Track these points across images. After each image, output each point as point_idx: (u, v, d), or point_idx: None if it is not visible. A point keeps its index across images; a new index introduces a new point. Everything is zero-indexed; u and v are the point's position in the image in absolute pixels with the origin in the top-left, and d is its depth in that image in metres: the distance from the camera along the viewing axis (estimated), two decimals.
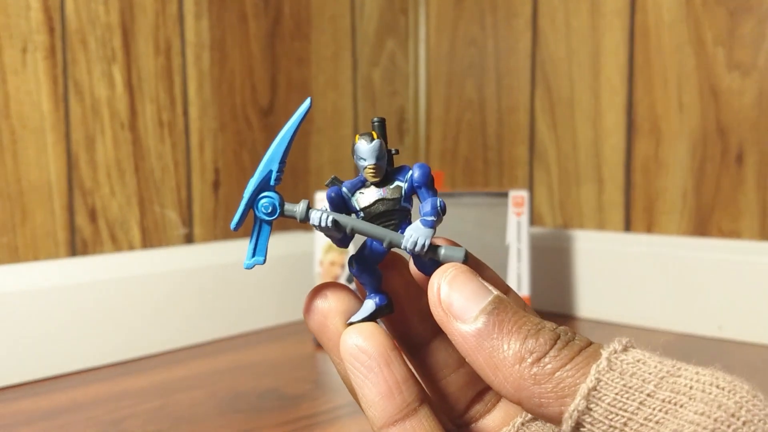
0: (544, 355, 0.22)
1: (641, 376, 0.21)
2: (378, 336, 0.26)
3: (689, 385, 0.21)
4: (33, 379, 0.67)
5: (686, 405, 0.21)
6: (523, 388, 0.23)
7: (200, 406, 0.60)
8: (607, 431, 0.21)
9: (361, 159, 0.27)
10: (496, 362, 0.23)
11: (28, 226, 0.68)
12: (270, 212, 0.27)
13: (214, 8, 0.83)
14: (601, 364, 0.22)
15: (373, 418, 0.25)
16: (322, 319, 0.27)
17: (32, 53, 0.68)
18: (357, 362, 0.25)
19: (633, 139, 0.84)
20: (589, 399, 0.21)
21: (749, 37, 0.74)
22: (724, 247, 0.76)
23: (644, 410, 0.21)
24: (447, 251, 0.26)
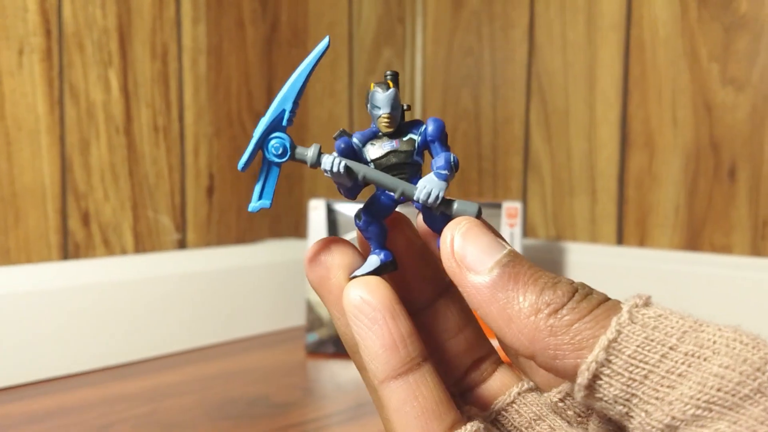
0: (561, 307, 0.22)
1: (663, 330, 0.21)
2: (383, 289, 0.25)
3: (712, 339, 0.21)
4: (22, 383, 0.66)
5: (710, 359, 0.20)
6: (538, 340, 0.22)
7: (190, 412, 0.60)
8: (626, 383, 0.21)
9: (375, 108, 0.26)
10: (511, 314, 0.23)
11: (20, 228, 0.68)
12: (280, 154, 0.26)
13: (211, 13, 0.83)
14: (622, 316, 0.21)
15: (375, 370, 0.25)
16: (324, 272, 0.27)
17: (28, 55, 0.68)
18: (361, 314, 0.25)
19: (627, 152, 0.84)
20: (609, 351, 0.21)
21: (743, 53, 0.75)
22: (715, 262, 0.77)
23: (666, 363, 0.21)
24: (460, 205, 0.26)
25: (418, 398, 0.24)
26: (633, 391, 0.21)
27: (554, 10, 0.90)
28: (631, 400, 0.21)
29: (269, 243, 0.91)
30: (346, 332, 0.27)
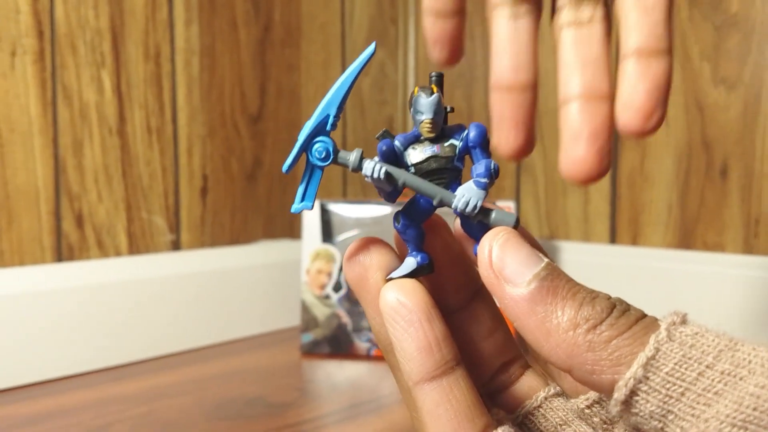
0: (600, 323, 0.22)
1: (700, 348, 0.21)
2: (419, 292, 0.25)
3: (747, 359, 0.21)
4: (18, 385, 0.66)
5: (746, 378, 0.20)
6: (576, 355, 0.22)
7: (187, 413, 0.60)
8: (663, 400, 0.21)
9: (418, 113, 0.26)
10: (549, 328, 0.23)
11: (14, 230, 0.68)
12: (324, 158, 0.26)
13: (204, 14, 0.83)
14: (660, 334, 0.22)
15: (410, 372, 0.25)
16: (362, 272, 0.27)
17: (21, 57, 0.68)
18: (397, 316, 0.25)
19: (619, 151, 0.85)
20: (647, 368, 0.21)
21: (735, 52, 0.76)
22: (708, 260, 0.77)
23: (703, 381, 0.21)
24: (498, 215, 0.26)
25: (451, 401, 0.25)
26: (669, 408, 0.21)
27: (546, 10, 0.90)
28: (666, 416, 0.21)
29: (263, 244, 0.91)
30: (381, 331, 0.27)
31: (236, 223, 0.88)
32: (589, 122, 0.32)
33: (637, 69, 0.30)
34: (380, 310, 0.26)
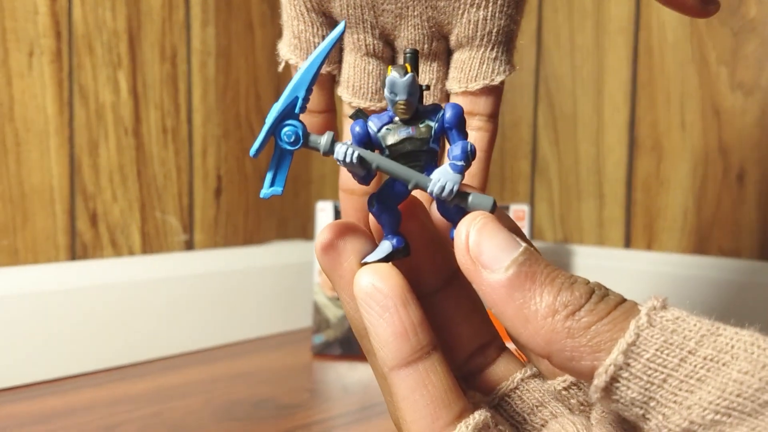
0: (578, 309, 0.22)
1: (682, 333, 0.21)
2: (394, 276, 0.25)
3: (730, 344, 0.21)
4: (29, 383, 0.66)
5: (729, 363, 0.20)
6: (554, 342, 0.22)
7: (195, 414, 0.60)
8: (644, 387, 0.21)
9: (392, 93, 0.25)
10: (527, 314, 0.22)
11: (28, 229, 0.69)
12: (293, 141, 0.25)
13: (220, 16, 0.84)
14: (641, 319, 0.21)
15: (385, 357, 0.25)
16: (335, 257, 0.27)
17: (38, 57, 0.68)
18: (372, 301, 0.25)
19: (635, 156, 0.84)
20: (628, 354, 0.21)
21: (752, 58, 0.75)
22: (723, 266, 0.76)
23: (685, 367, 0.20)
24: (475, 199, 0.25)
25: (427, 386, 0.24)
26: (651, 395, 0.21)
27: (562, 14, 0.90)
28: (648, 403, 0.21)
29: (276, 245, 0.91)
30: (355, 317, 0.27)
31: (249, 223, 0.89)
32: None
33: None
34: (354, 295, 0.25)
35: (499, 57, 0.35)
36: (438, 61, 0.37)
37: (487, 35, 0.35)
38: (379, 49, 0.36)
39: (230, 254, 0.85)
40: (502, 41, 0.35)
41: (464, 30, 0.35)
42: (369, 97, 0.37)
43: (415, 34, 0.35)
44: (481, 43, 0.35)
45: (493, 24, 0.34)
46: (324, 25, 0.37)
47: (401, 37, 0.36)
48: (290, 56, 0.37)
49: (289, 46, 0.37)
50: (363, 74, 0.37)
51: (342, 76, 0.38)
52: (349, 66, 0.37)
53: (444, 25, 0.35)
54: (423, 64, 0.37)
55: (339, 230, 0.27)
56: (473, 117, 0.35)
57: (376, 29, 0.36)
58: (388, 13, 0.35)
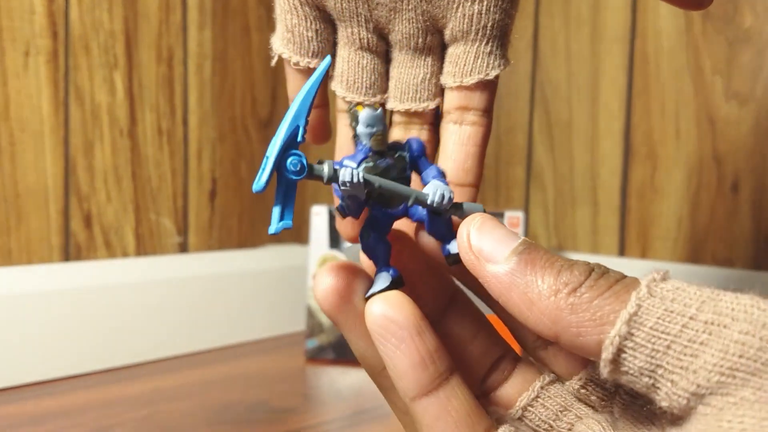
0: (579, 285, 0.23)
1: (682, 301, 0.21)
2: (407, 305, 0.25)
3: (730, 307, 0.21)
4: (21, 384, 0.66)
5: (730, 326, 0.20)
6: (559, 319, 0.23)
7: (188, 417, 0.60)
8: (650, 355, 0.21)
9: (368, 126, 0.26)
10: (531, 297, 0.23)
11: (22, 229, 0.68)
12: (298, 171, 0.25)
13: (217, 19, 0.84)
14: (641, 291, 0.22)
15: (405, 389, 0.25)
16: (337, 299, 0.27)
17: (34, 57, 0.68)
18: (387, 333, 0.25)
19: (629, 164, 0.84)
20: (631, 324, 0.21)
21: (748, 67, 0.75)
22: (717, 275, 0.77)
23: (687, 332, 0.21)
24: (468, 206, 0.27)
25: (450, 412, 0.24)
26: (657, 362, 0.21)
27: (558, 21, 0.90)
28: (656, 371, 0.21)
29: (271, 248, 0.91)
30: (367, 355, 0.27)
31: (244, 227, 0.89)
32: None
33: None
34: (368, 329, 0.25)
35: (494, 51, 0.35)
36: (432, 56, 0.36)
37: (482, 29, 0.35)
38: (374, 43, 0.36)
39: (224, 257, 0.85)
40: (497, 35, 0.35)
41: (459, 24, 0.35)
42: (363, 91, 0.37)
43: (409, 27, 0.35)
44: (476, 38, 0.35)
45: (488, 18, 0.34)
46: (317, 19, 0.36)
47: (395, 31, 0.36)
48: (283, 50, 0.37)
49: (282, 39, 0.37)
50: (357, 69, 0.37)
51: (335, 70, 0.37)
52: (343, 60, 0.37)
53: (439, 18, 0.35)
54: (417, 58, 0.36)
55: (337, 272, 0.27)
56: (468, 112, 0.36)
57: (370, 23, 0.35)
58: (382, 7, 0.35)
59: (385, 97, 0.37)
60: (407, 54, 0.36)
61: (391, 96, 0.37)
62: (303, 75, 0.38)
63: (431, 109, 0.36)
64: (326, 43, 0.37)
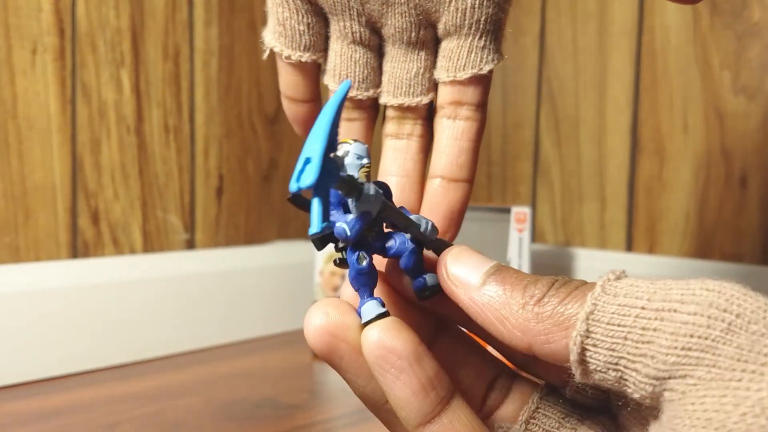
0: (543, 296, 0.24)
1: (634, 294, 0.22)
2: (404, 330, 0.25)
3: (680, 293, 0.22)
4: (29, 380, 0.66)
5: (680, 309, 0.21)
6: (528, 330, 0.24)
7: (195, 413, 0.60)
8: (610, 348, 0.22)
9: (360, 158, 0.26)
10: (504, 314, 0.24)
11: (30, 226, 0.69)
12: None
13: (223, 16, 0.84)
14: (596, 291, 0.23)
15: (407, 418, 0.25)
16: (330, 339, 0.26)
17: (42, 54, 0.68)
18: (386, 363, 0.24)
19: (637, 158, 0.84)
20: (589, 323, 0.23)
21: (756, 62, 0.75)
22: (725, 270, 0.76)
23: (641, 321, 0.22)
24: (441, 243, 0.28)
25: None
26: (619, 354, 0.22)
27: (566, 17, 0.90)
28: (619, 363, 0.22)
29: (277, 244, 0.91)
30: (367, 390, 0.26)
31: (251, 223, 0.89)
32: None
33: (439, 192, 0.35)
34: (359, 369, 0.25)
35: (488, 46, 0.35)
36: (426, 50, 0.36)
37: (475, 23, 0.34)
38: (366, 36, 0.36)
39: (231, 254, 0.85)
40: (490, 30, 0.35)
41: (452, 18, 0.34)
42: (356, 86, 0.36)
43: (402, 21, 0.35)
44: (469, 32, 0.34)
45: (481, 12, 0.34)
46: (309, 12, 0.36)
47: (388, 25, 0.35)
48: (275, 44, 0.37)
49: (274, 33, 0.37)
50: (350, 62, 0.36)
51: (328, 64, 0.37)
52: (336, 54, 0.36)
53: (431, 12, 0.35)
54: (410, 53, 0.36)
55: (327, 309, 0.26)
56: (461, 106, 0.35)
57: (363, 16, 0.35)
58: (374, 1, 0.34)
59: (378, 92, 0.37)
60: (400, 48, 0.36)
61: (384, 90, 0.36)
62: (295, 69, 0.37)
63: (425, 103, 0.36)
64: (318, 37, 0.37)
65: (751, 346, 0.20)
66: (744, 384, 0.20)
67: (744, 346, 0.20)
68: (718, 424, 0.19)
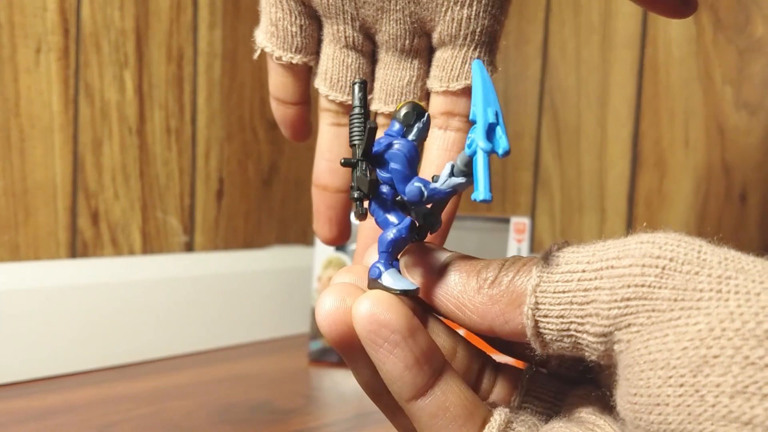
0: (495, 278, 0.24)
1: (575, 260, 0.23)
2: (396, 304, 0.24)
3: (616, 251, 0.22)
4: (26, 379, 0.66)
5: (616, 265, 0.22)
6: (487, 313, 0.24)
7: (192, 416, 0.60)
8: (559, 315, 0.23)
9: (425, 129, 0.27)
10: (461, 301, 0.25)
11: (30, 225, 0.68)
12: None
13: (228, 19, 0.84)
14: (539, 263, 0.24)
15: (399, 392, 0.24)
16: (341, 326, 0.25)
17: (46, 54, 0.68)
18: (379, 338, 0.24)
19: (637, 171, 0.84)
20: (537, 295, 0.23)
21: (758, 77, 0.75)
22: None
23: (583, 283, 0.22)
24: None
25: (448, 407, 0.24)
26: (568, 320, 0.23)
27: (569, 28, 0.90)
28: (570, 329, 0.23)
29: (276, 249, 0.91)
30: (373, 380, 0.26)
31: (250, 227, 0.89)
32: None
33: None
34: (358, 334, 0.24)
35: (482, 57, 0.35)
36: (419, 59, 0.36)
37: (470, 35, 0.34)
38: (360, 42, 0.36)
39: (230, 257, 0.85)
40: (485, 41, 0.35)
41: (447, 28, 0.34)
42: (347, 90, 0.36)
43: (396, 28, 0.35)
44: (464, 43, 0.34)
45: (477, 23, 0.34)
46: (303, 14, 0.36)
47: (382, 31, 0.35)
48: (266, 44, 0.37)
49: (266, 33, 0.37)
50: (341, 67, 0.36)
51: (319, 68, 0.37)
52: (328, 58, 0.36)
53: (427, 21, 0.34)
54: (404, 60, 0.36)
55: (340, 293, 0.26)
56: (453, 117, 0.35)
57: (357, 21, 0.35)
58: (369, 6, 0.34)
59: (370, 98, 0.36)
60: (394, 55, 0.36)
61: (376, 98, 0.36)
62: (285, 70, 0.37)
63: None
64: (311, 39, 0.36)
65: (686, 285, 0.21)
66: (682, 321, 0.20)
67: (679, 286, 0.21)
68: (662, 363, 0.20)
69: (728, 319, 0.19)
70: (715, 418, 0.19)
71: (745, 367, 0.18)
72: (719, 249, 0.22)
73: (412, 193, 0.25)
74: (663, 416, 0.20)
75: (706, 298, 0.20)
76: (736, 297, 0.20)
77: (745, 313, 0.19)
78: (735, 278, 0.20)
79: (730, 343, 0.19)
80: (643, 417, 0.20)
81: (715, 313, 0.19)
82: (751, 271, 0.21)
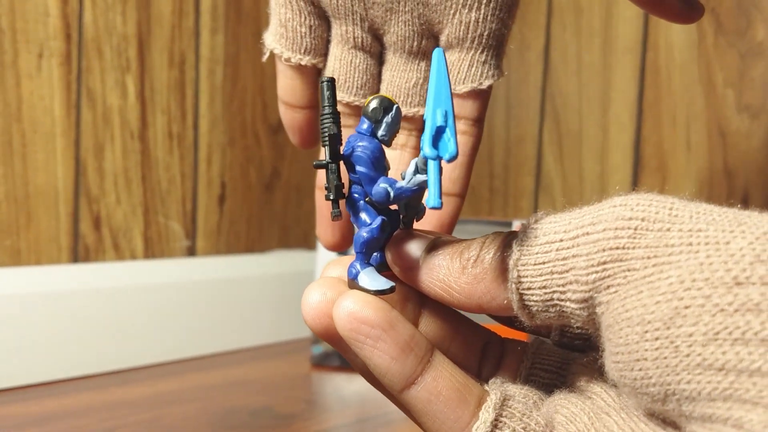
0: (477, 256, 0.24)
1: (553, 229, 0.23)
2: (373, 300, 0.25)
3: (591, 216, 0.22)
4: (26, 384, 0.66)
5: (591, 231, 0.22)
6: (473, 292, 0.24)
7: (192, 420, 0.60)
8: (542, 286, 0.23)
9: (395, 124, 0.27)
10: (447, 283, 0.25)
11: (32, 229, 0.69)
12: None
13: (230, 24, 0.84)
14: (518, 238, 0.24)
15: (390, 383, 0.25)
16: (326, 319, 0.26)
17: (48, 59, 0.69)
18: (361, 335, 0.24)
19: (639, 175, 0.84)
20: (519, 269, 0.23)
21: (759, 81, 0.75)
22: None
23: (561, 252, 0.22)
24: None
25: (441, 392, 0.25)
26: (551, 290, 0.23)
27: (570, 32, 0.90)
28: (553, 298, 0.23)
29: (278, 253, 0.91)
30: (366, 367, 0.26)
31: (252, 231, 0.89)
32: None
33: None
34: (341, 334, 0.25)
35: (489, 61, 0.35)
36: (426, 60, 0.36)
37: (478, 38, 0.34)
38: (368, 42, 0.36)
39: (232, 262, 0.85)
40: (492, 45, 0.35)
41: (455, 31, 0.34)
42: (354, 91, 0.36)
43: (404, 30, 0.35)
44: (471, 46, 0.34)
45: (484, 27, 0.34)
46: (312, 15, 0.36)
47: (390, 33, 0.35)
48: (275, 45, 0.36)
49: (275, 35, 0.37)
50: (349, 68, 0.36)
51: (327, 68, 0.37)
52: (335, 58, 0.36)
53: (435, 23, 0.34)
54: (411, 62, 0.36)
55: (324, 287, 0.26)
56: (458, 120, 0.35)
57: (366, 22, 0.35)
58: (378, 7, 0.34)
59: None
60: (401, 57, 0.36)
61: None
62: (294, 72, 0.37)
63: (421, 114, 0.36)
64: (320, 41, 0.36)
65: (658, 242, 0.21)
66: (655, 276, 0.20)
67: (651, 244, 0.21)
68: (638, 319, 0.20)
69: (698, 270, 0.19)
70: (691, 367, 0.19)
71: (715, 315, 0.19)
72: (691, 204, 0.22)
73: (378, 195, 0.25)
74: (643, 371, 0.20)
75: (677, 252, 0.20)
76: (705, 248, 0.20)
77: (714, 262, 0.19)
78: (705, 230, 0.20)
79: (700, 292, 0.19)
80: (626, 374, 0.21)
81: (686, 265, 0.20)
82: (722, 221, 0.21)
